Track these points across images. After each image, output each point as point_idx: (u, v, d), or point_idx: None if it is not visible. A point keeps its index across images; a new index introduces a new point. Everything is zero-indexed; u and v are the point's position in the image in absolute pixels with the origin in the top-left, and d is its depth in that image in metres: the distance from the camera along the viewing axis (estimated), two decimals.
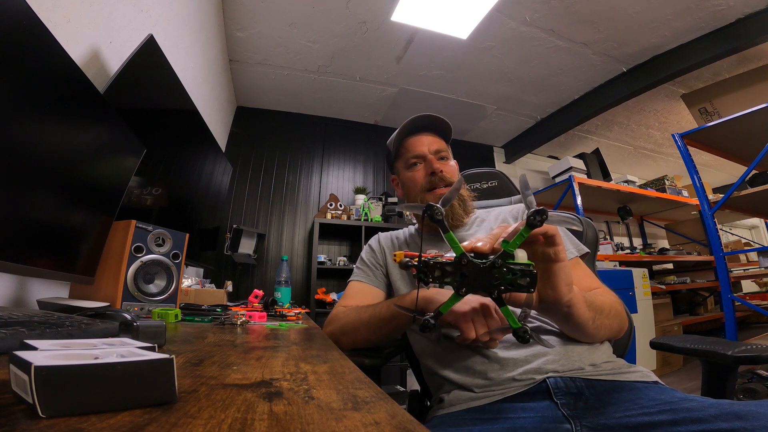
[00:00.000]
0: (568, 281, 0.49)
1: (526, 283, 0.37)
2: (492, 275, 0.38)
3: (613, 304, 0.67)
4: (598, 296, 0.65)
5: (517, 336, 0.40)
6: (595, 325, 0.61)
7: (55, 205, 0.67)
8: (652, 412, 0.50)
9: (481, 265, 0.38)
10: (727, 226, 4.67)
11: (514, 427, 0.56)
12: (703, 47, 2.44)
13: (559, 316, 0.58)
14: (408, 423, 0.24)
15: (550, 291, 0.49)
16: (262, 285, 2.94)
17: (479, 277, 0.39)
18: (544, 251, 0.46)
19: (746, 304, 2.45)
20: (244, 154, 3.24)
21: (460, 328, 0.57)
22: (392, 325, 0.71)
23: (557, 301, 0.50)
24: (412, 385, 2.33)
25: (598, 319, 0.61)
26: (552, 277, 0.48)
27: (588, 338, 0.65)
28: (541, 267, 0.47)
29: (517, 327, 0.40)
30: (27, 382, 0.20)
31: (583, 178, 3.32)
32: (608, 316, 0.65)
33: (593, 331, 0.62)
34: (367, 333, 0.75)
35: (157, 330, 0.47)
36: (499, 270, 0.38)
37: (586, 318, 0.58)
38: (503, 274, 0.38)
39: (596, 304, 0.62)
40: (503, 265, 0.38)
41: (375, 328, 0.73)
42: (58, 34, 0.65)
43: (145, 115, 1.19)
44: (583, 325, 0.59)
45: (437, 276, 0.41)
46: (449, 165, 0.88)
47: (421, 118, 0.88)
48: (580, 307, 0.55)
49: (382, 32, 2.46)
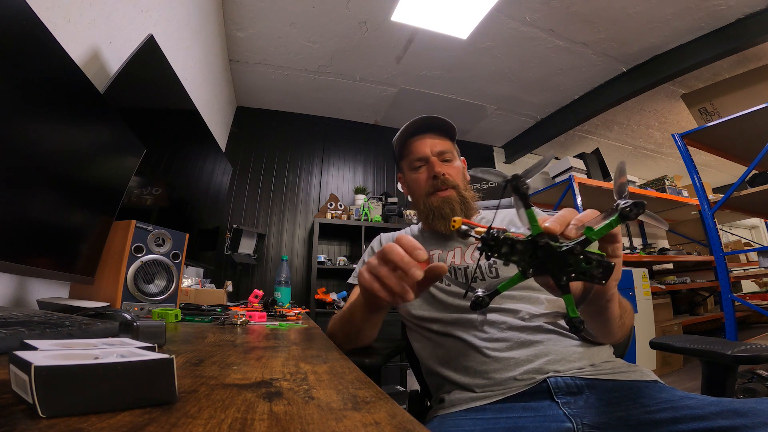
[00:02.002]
0: (617, 277, 0.47)
1: (599, 274, 0.35)
2: (566, 261, 0.36)
3: (627, 304, 0.66)
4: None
5: (572, 325, 0.38)
6: (620, 323, 0.60)
7: (55, 205, 0.67)
8: (653, 411, 0.50)
9: (558, 248, 0.36)
10: (727, 226, 4.67)
11: (516, 426, 0.56)
12: (703, 47, 2.44)
13: (595, 308, 0.55)
14: (408, 423, 0.24)
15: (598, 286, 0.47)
16: (262, 285, 2.94)
17: (552, 261, 0.36)
18: (605, 246, 0.44)
19: (746, 304, 2.45)
20: (244, 154, 3.24)
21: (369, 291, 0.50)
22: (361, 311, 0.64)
23: (601, 296, 0.49)
24: (412, 385, 2.33)
25: (623, 317, 0.60)
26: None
27: (609, 337, 0.64)
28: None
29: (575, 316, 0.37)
30: (27, 382, 0.20)
31: (583, 178, 3.32)
32: (628, 317, 0.64)
33: (617, 330, 0.61)
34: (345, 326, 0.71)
35: (157, 330, 0.47)
36: (575, 257, 0.35)
37: (616, 315, 0.56)
38: (578, 261, 0.35)
39: (622, 303, 0.60)
40: (581, 252, 0.35)
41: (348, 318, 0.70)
42: (58, 34, 0.65)
43: (145, 115, 1.19)
44: (611, 321, 0.57)
45: (504, 252, 0.37)
46: (453, 166, 0.88)
47: (425, 119, 0.88)
48: (615, 302, 0.54)
49: (382, 32, 2.46)
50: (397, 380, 2.59)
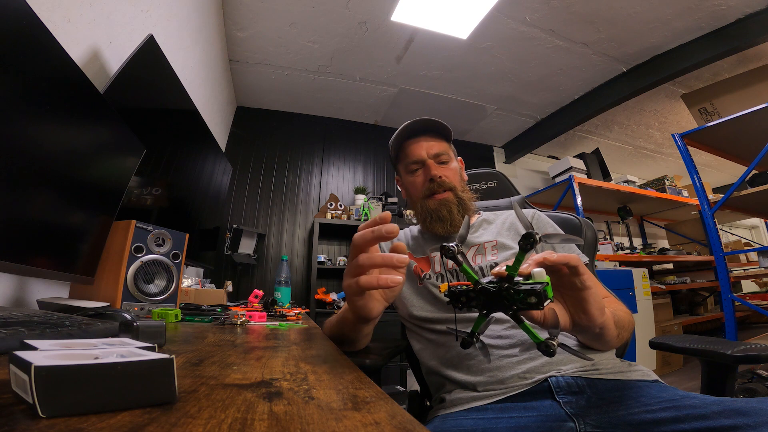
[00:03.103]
0: (599, 306, 0.50)
1: (533, 301, 0.40)
2: (502, 297, 0.42)
3: (626, 316, 0.68)
4: (617, 311, 0.65)
5: (541, 350, 0.42)
6: (619, 340, 0.61)
7: (55, 205, 0.67)
8: (655, 410, 0.50)
9: (491, 289, 0.42)
10: (727, 226, 4.68)
11: (518, 426, 0.56)
12: (703, 47, 2.44)
13: (591, 336, 0.59)
14: (408, 423, 0.24)
15: (582, 316, 0.50)
16: (262, 285, 2.94)
17: (494, 301, 0.42)
18: (571, 280, 0.47)
19: (746, 304, 2.45)
20: (244, 154, 3.24)
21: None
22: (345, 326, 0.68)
23: (590, 326, 0.51)
24: (412, 385, 2.33)
25: (621, 335, 0.62)
26: (582, 303, 0.49)
27: (606, 349, 0.65)
28: (571, 295, 0.49)
29: (539, 341, 0.42)
30: (27, 382, 0.20)
31: (583, 178, 3.32)
32: (627, 330, 0.65)
33: (615, 345, 0.63)
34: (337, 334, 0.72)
35: (157, 330, 0.47)
36: (507, 292, 0.41)
37: (614, 336, 0.58)
38: (511, 295, 0.41)
39: (618, 320, 0.62)
40: (511, 287, 0.41)
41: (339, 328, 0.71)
42: (58, 34, 0.65)
43: (145, 115, 1.19)
44: (610, 343, 0.59)
45: (464, 301, 0.45)
46: (450, 168, 0.88)
47: (420, 122, 0.87)
48: (610, 328, 0.56)
49: (382, 32, 2.46)
50: (397, 380, 2.59)
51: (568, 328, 0.50)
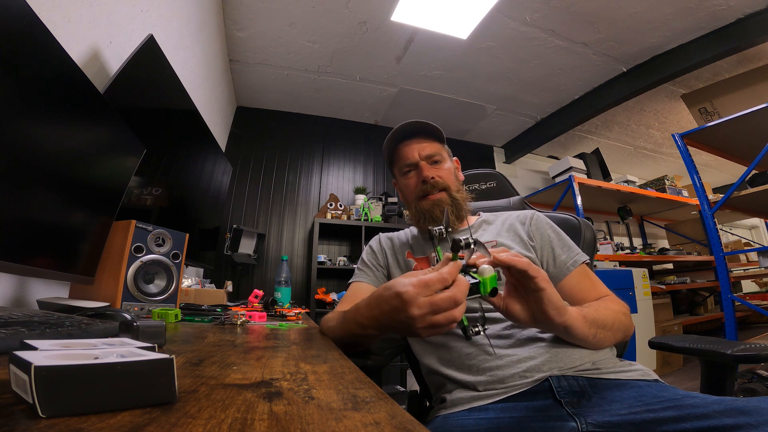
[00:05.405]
0: (556, 306, 0.54)
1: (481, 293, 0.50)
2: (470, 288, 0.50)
3: (617, 316, 0.68)
4: (601, 310, 0.66)
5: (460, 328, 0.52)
6: (596, 339, 0.63)
7: (55, 205, 0.67)
8: (657, 409, 0.50)
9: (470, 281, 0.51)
10: (727, 226, 4.67)
11: (520, 426, 0.56)
12: (703, 47, 2.44)
13: (560, 334, 0.62)
14: (408, 423, 0.24)
15: (540, 315, 0.55)
16: (262, 285, 2.94)
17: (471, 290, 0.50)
18: (526, 283, 0.52)
19: (746, 304, 2.45)
20: (244, 154, 3.24)
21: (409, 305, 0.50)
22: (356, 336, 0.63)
23: (549, 324, 0.56)
24: (412, 385, 2.34)
25: (600, 334, 0.63)
26: (539, 303, 0.54)
27: (590, 348, 0.67)
28: (530, 295, 0.54)
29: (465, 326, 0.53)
30: (27, 382, 0.20)
31: (583, 178, 3.32)
32: (611, 329, 0.66)
33: (595, 345, 0.65)
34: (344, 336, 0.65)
35: (157, 330, 0.47)
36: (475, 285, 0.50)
37: (586, 335, 0.61)
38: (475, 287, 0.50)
39: (599, 320, 0.64)
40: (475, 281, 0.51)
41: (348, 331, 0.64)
42: (58, 34, 0.65)
43: (145, 115, 1.19)
44: (583, 341, 0.63)
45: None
46: (443, 168, 0.88)
47: (411, 124, 0.88)
48: (578, 327, 0.59)
49: (382, 32, 2.46)
50: (397, 380, 2.59)
51: (528, 322, 0.56)
